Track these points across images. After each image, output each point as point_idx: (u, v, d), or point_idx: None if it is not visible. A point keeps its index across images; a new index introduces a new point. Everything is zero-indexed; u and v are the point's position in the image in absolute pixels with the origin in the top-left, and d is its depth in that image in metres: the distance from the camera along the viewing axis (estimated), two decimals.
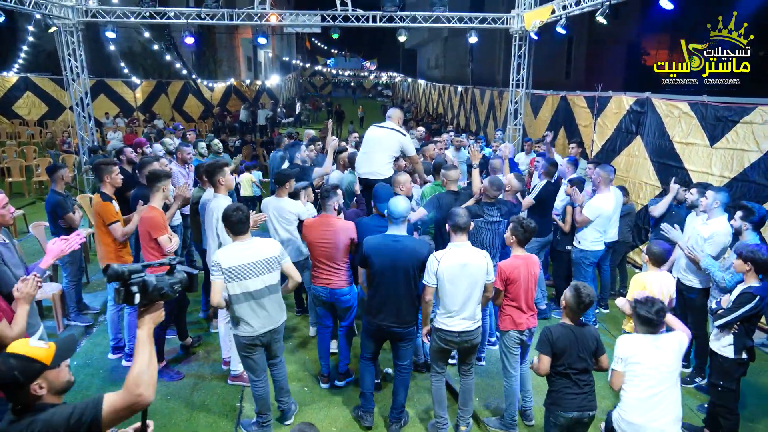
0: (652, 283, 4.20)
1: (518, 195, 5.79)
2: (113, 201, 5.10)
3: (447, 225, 4.08)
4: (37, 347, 2.15)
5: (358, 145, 7.68)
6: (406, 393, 4.39)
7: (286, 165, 7.24)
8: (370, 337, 4.33)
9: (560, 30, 10.26)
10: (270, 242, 4.04)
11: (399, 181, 5.17)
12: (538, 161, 7.31)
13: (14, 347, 2.14)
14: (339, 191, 4.87)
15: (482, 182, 5.16)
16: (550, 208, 6.18)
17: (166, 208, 5.39)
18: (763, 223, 4.53)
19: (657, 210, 5.80)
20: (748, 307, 3.77)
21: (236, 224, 3.81)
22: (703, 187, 5.24)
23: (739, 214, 4.50)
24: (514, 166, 7.63)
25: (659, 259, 4.26)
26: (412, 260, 4.01)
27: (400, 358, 4.28)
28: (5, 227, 3.60)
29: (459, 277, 3.91)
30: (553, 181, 6.36)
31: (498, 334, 4.66)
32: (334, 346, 5.32)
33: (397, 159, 6.00)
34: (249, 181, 9.44)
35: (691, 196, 5.28)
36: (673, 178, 5.63)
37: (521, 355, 4.41)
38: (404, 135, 5.79)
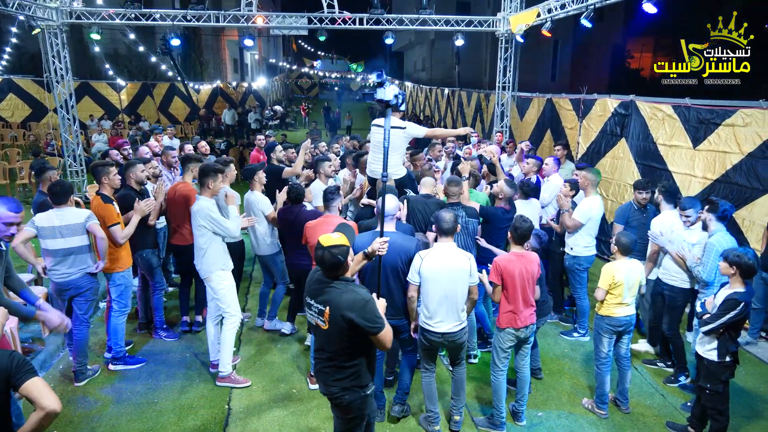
0: (623, 270, 4.44)
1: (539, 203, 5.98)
2: (113, 203, 5.06)
3: (434, 228, 4.19)
4: (337, 236, 3.09)
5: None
6: (412, 374, 4.57)
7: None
8: None
9: (546, 33, 10.36)
10: (78, 211, 4.81)
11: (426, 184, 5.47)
12: (526, 163, 7.35)
13: (326, 241, 3.05)
14: (342, 192, 4.90)
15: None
16: None
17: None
18: (726, 217, 4.75)
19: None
20: (732, 313, 3.82)
21: (54, 195, 4.71)
22: (663, 187, 5.49)
23: (706, 207, 4.80)
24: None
25: (627, 249, 4.48)
26: (401, 255, 4.12)
27: (406, 345, 4.47)
28: None
29: (441, 278, 4.00)
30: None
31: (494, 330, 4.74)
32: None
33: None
34: None
35: (654, 196, 5.59)
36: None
37: (521, 355, 4.50)
38: (403, 128, 5.80)
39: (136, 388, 4.97)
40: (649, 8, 7.83)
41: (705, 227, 4.80)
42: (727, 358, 3.94)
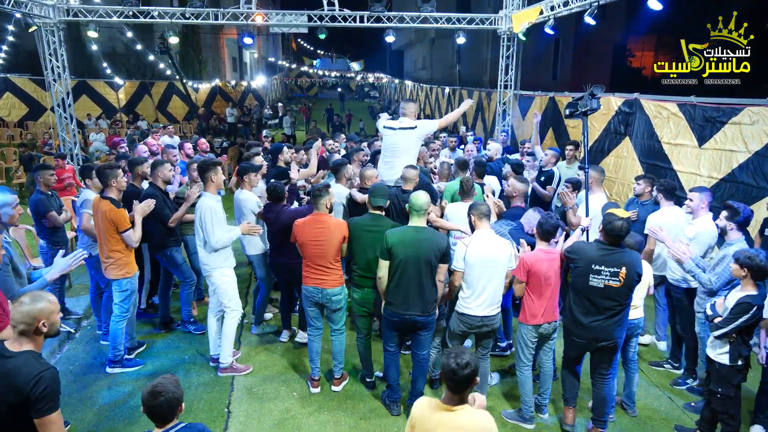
0: None
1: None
2: (122, 206, 5.00)
3: (470, 214, 4.39)
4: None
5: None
6: (425, 381, 4.61)
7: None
8: (393, 330, 4.41)
9: (548, 31, 10.27)
10: (87, 195, 5.45)
11: (366, 175, 5.51)
12: (546, 154, 7.38)
13: (623, 213, 3.84)
14: (330, 190, 4.82)
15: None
16: None
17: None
18: (748, 222, 4.55)
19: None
20: (745, 317, 3.72)
21: None
22: (661, 184, 5.43)
23: (724, 213, 4.48)
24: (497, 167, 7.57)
25: (633, 249, 4.35)
26: (434, 250, 4.16)
27: (419, 348, 4.44)
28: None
29: (484, 263, 4.19)
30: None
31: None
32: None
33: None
34: None
35: (638, 187, 5.73)
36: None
37: (545, 351, 4.54)
38: (414, 128, 5.72)
39: (134, 391, 4.88)
40: (654, 4, 7.75)
41: (723, 233, 4.55)
42: (740, 362, 3.86)
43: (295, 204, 6.22)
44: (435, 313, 4.37)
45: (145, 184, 5.83)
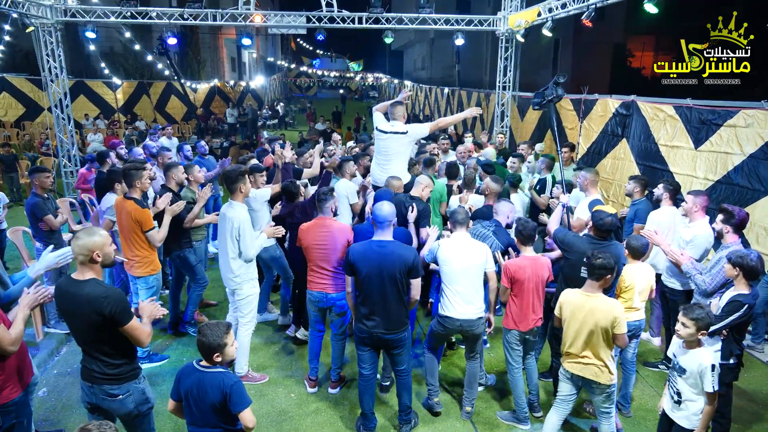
0: (633, 274, 4.34)
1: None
2: (146, 206, 5.09)
3: (449, 222, 4.42)
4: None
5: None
6: (410, 394, 4.38)
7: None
8: (364, 347, 4.20)
9: (546, 32, 10.29)
10: (110, 199, 5.63)
11: (421, 182, 5.41)
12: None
13: (607, 209, 4.09)
14: (335, 193, 4.83)
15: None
16: None
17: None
18: (744, 225, 4.53)
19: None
20: (736, 315, 3.73)
21: None
22: (670, 183, 5.45)
23: (719, 217, 4.49)
24: None
25: (638, 253, 4.42)
26: (399, 265, 3.90)
27: (397, 365, 4.24)
28: None
29: (457, 264, 4.20)
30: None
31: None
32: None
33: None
34: None
35: (629, 186, 5.78)
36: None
37: (527, 350, 4.55)
38: (404, 133, 5.77)
39: None
40: (650, 8, 7.76)
41: (720, 236, 4.54)
42: (731, 360, 3.88)
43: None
44: (407, 330, 4.17)
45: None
